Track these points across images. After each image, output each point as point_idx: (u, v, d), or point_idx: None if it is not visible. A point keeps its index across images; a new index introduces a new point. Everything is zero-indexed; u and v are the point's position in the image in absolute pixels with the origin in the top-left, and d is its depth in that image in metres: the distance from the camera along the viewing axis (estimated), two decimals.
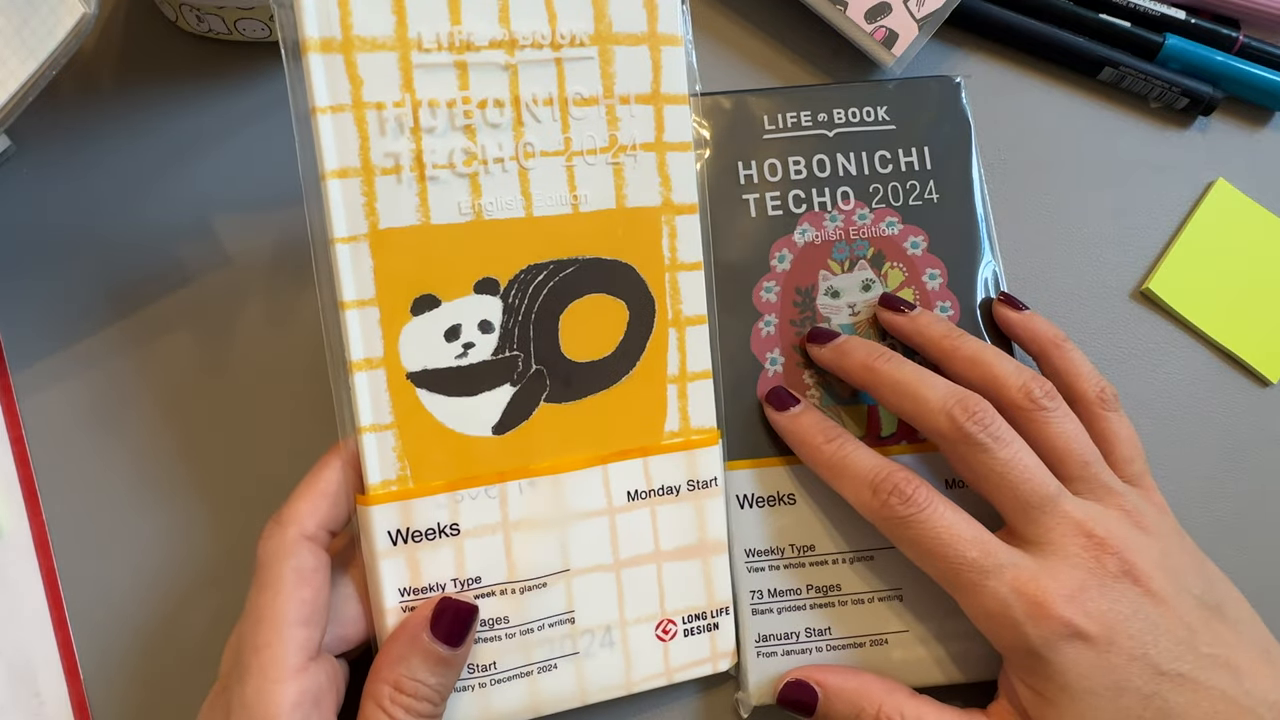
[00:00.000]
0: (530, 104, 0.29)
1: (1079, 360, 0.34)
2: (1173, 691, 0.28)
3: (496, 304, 0.30)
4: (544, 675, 0.31)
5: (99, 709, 0.33)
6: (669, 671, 0.32)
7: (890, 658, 0.33)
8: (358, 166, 0.28)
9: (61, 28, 0.30)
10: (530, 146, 0.29)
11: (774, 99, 0.38)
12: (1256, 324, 0.40)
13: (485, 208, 0.29)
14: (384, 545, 0.29)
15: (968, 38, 0.42)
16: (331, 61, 0.27)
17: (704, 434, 0.33)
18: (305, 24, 0.27)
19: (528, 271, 0.30)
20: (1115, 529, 0.30)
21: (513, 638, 0.30)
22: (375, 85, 0.28)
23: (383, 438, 0.29)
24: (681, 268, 0.32)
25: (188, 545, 0.34)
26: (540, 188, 0.30)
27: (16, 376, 0.36)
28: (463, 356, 0.29)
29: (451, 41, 0.28)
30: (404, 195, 0.28)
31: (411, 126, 0.28)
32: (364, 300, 0.28)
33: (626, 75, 0.30)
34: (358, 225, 0.28)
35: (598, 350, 0.31)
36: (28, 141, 0.38)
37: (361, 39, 0.27)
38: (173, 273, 0.37)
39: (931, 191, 0.38)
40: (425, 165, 0.28)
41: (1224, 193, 0.41)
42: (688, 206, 0.32)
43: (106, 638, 0.34)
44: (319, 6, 0.27)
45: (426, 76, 0.28)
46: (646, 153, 0.31)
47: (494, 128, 0.29)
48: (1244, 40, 0.42)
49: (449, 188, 0.29)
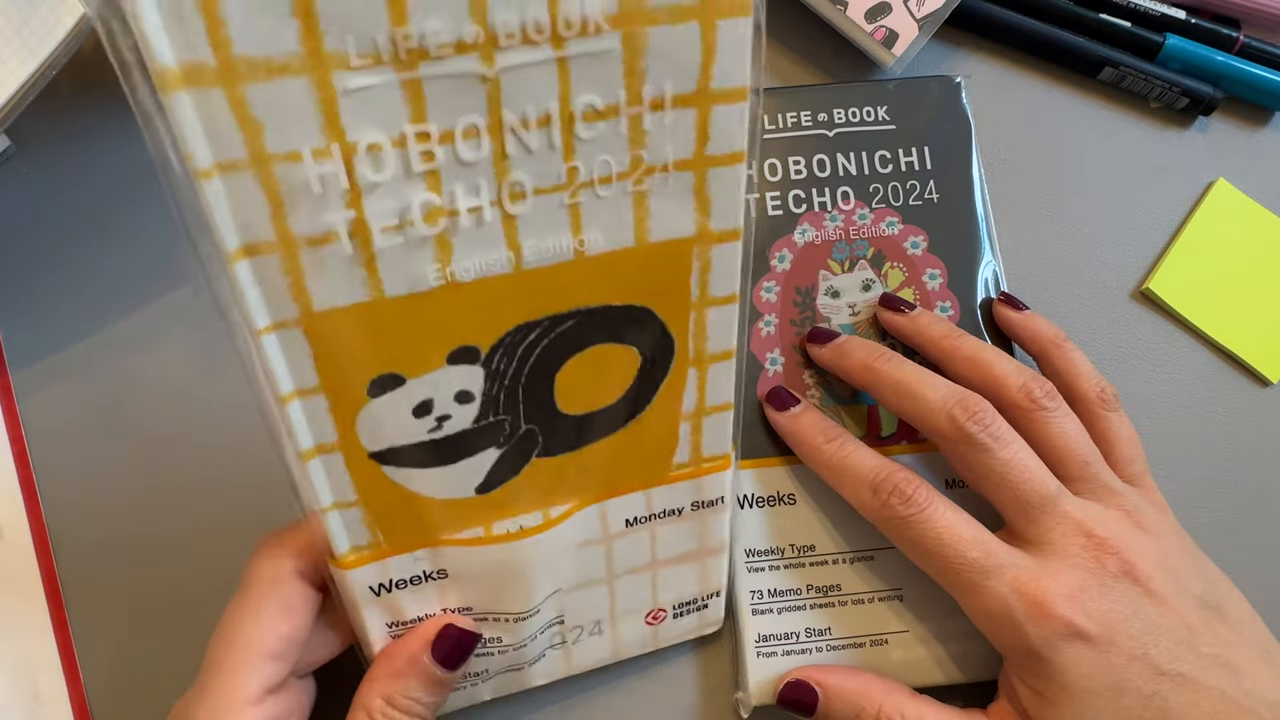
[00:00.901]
0: (518, 128, 0.21)
1: (1079, 360, 0.34)
2: (1173, 691, 0.28)
3: (477, 372, 0.24)
4: (531, 666, 0.32)
5: (99, 709, 0.33)
6: (656, 642, 0.33)
7: (890, 658, 0.33)
8: (272, 240, 0.20)
9: (61, 28, 0.30)
10: (519, 186, 0.21)
11: (774, 99, 0.38)
12: (1256, 324, 0.40)
13: (457, 270, 0.22)
14: (366, 597, 0.27)
15: (968, 38, 0.42)
16: (205, 99, 0.18)
17: (715, 460, 0.29)
18: (154, 47, 0.17)
19: (516, 332, 0.24)
20: (1115, 529, 0.30)
21: (505, 653, 0.30)
22: (281, 127, 0.19)
23: (348, 514, 0.25)
24: (712, 303, 0.25)
25: (188, 545, 0.34)
26: (532, 237, 0.22)
27: (16, 376, 0.36)
28: (436, 430, 0.24)
29: (395, 50, 0.19)
30: (342, 271, 0.21)
31: (345, 186, 0.20)
32: (306, 389, 0.23)
33: (662, 68, 0.21)
34: (285, 310, 0.21)
35: (600, 400, 0.26)
36: (28, 141, 0.38)
37: (249, 60, 0.18)
38: (173, 273, 0.37)
39: (931, 191, 0.38)
40: (370, 230, 0.21)
41: (1224, 193, 0.41)
42: (729, 233, 0.24)
43: (106, 638, 0.34)
44: (169, 17, 0.17)
45: (358, 108, 0.19)
46: (682, 172, 0.23)
47: (466, 167, 0.21)
48: (1244, 40, 0.42)
49: (407, 254, 0.21)
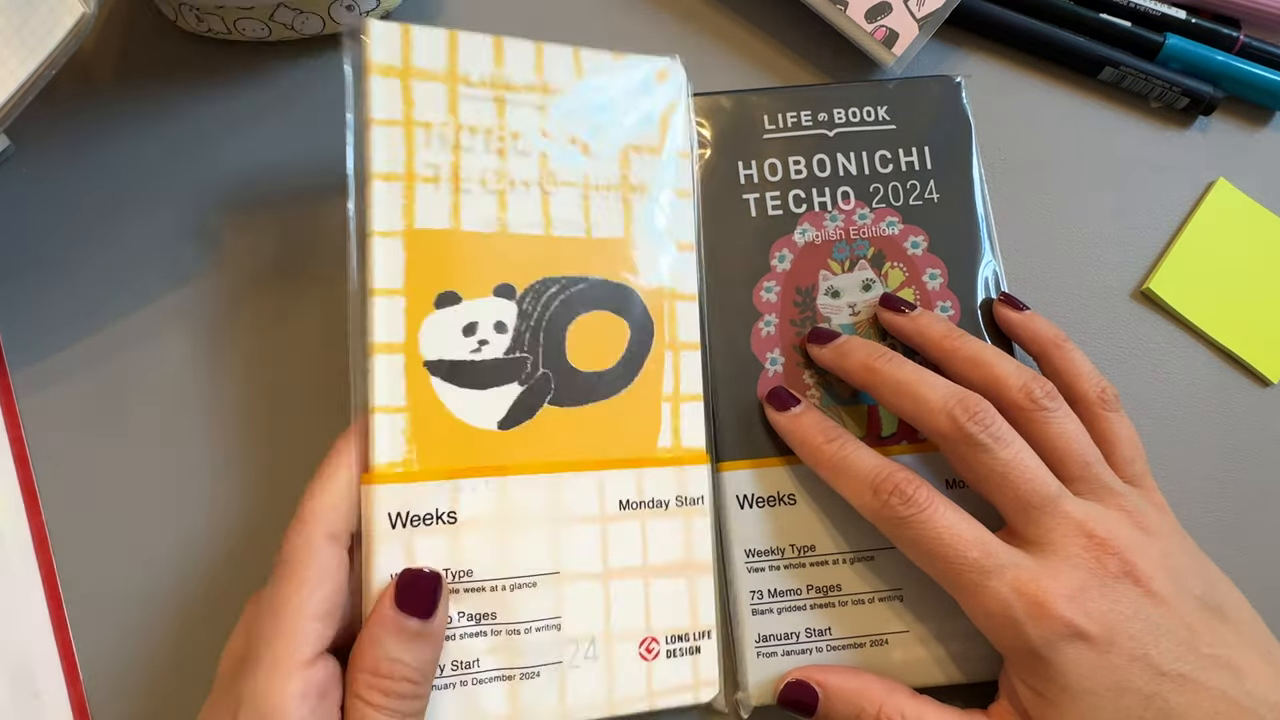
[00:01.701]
0: (557, 138, 0.33)
1: (1079, 360, 0.34)
2: (1174, 692, 0.28)
3: (512, 308, 0.32)
4: (526, 681, 0.31)
5: (99, 709, 0.33)
6: (651, 695, 0.32)
7: (890, 658, 0.33)
8: (401, 173, 0.31)
9: (61, 28, 0.30)
10: (553, 175, 0.33)
11: (774, 99, 0.38)
12: (1256, 324, 0.40)
13: (509, 222, 0.32)
14: (383, 527, 0.30)
15: (968, 38, 0.42)
16: (390, 84, 0.31)
17: (693, 453, 0.34)
18: (372, 51, 0.31)
19: (542, 283, 0.33)
20: (1116, 529, 0.30)
21: (498, 635, 0.30)
22: (425, 107, 0.32)
23: (394, 419, 0.30)
24: (679, 297, 0.34)
25: (187, 545, 0.34)
26: (559, 211, 0.33)
27: (16, 376, 0.36)
28: (477, 352, 0.32)
29: (494, 80, 0.33)
30: (439, 201, 0.32)
31: (453, 144, 0.32)
32: (392, 289, 0.31)
33: (636, 131, 0.34)
34: (395, 223, 0.31)
35: (601, 362, 0.33)
36: (28, 141, 0.38)
37: (418, 69, 0.32)
38: (173, 273, 0.37)
39: (932, 191, 0.38)
40: (461, 179, 0.32)
41: (1224, 193, 0.41)
42: (685, 245, 0.35)
43: (106, 638, 0.34)
44: (385, 40, 0.31)
45: (469, 106, 0.32)
46: (651, 194, 0.34)
47: (523, 155, 0.33)
48: (1244, 40, 0.42)
49: (479, 200, 0.32)
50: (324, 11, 0.38)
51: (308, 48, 0.40)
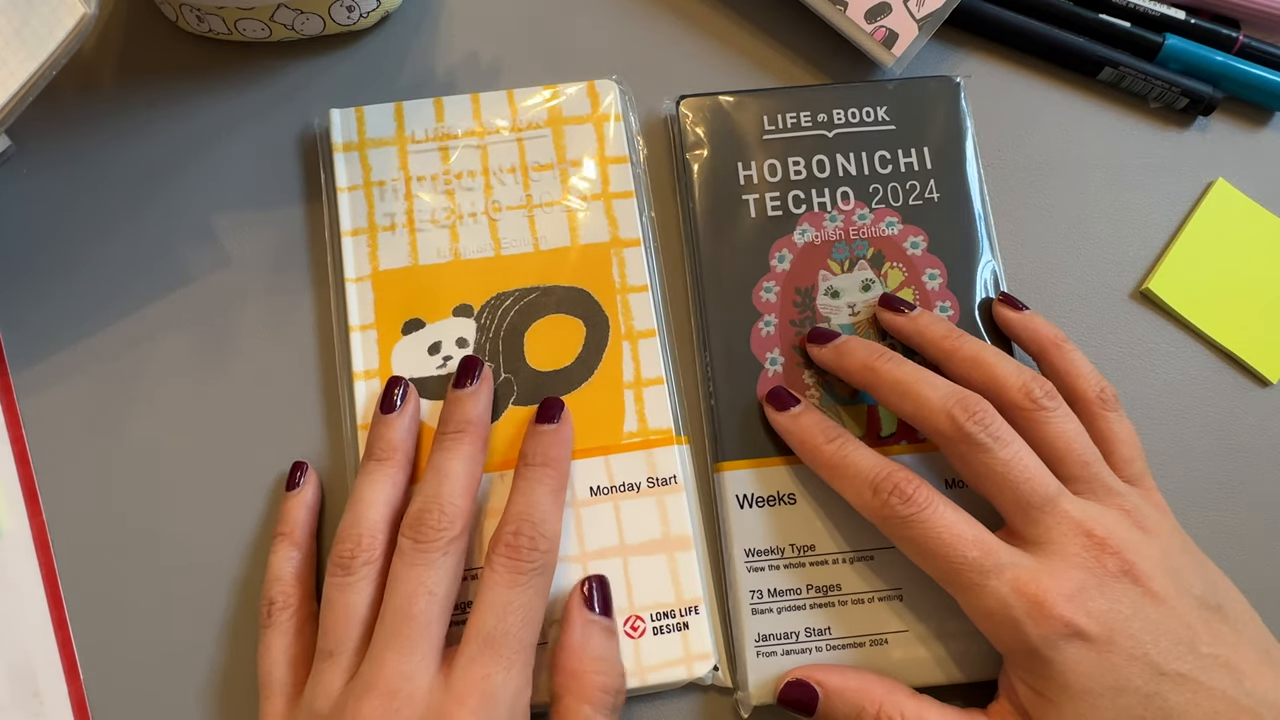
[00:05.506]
0: (498, 171, 0.38)
1: (1079, 360, 0.34)
2: (1173, 691, 0.28)
3: (471, 324, 0.36)
4: None
5: (99, 709, 0.33)
6: (641, 671, 0.33)
7: (890, 657, 0.33)
8: (365, 227, 0.37)
9: (61, 28, 0.30)
10: (498, 203, 0.37)
11: (774, 99, 0.38)
12: (1256, 324, 0.40)
13: (462, 250, 0.37)
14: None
15: (968, 38, 0.42)
16: (350, 158, 0.38)
17: (660, 434, 0.35)
18: (334, 134, 0.38)
19: (497, 297, 0.36)
20: (1115, 529, 0.30)
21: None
22: (380, 169, 0.37)
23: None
24: (631, 290, 0.37)
25: (187, 545, 0.34)
26: (507, 233, 0.37)
27: (16, 376, 0.36)
28: (442, 367, 0.36)
29: (437, 134, 0.38)
30: (398, 244, 0.37)
31: (405, 194, 0.37)
32: (366, 324, 0.36)
33: (575, 146, 0.38)
34: (364, 269, 0.36)
35: (559, 361, 0.36)
36: (28, 141, 0.38)
37: (371, 140, 0.38)
38: (173, 273, 0.37)
39: (931, 191, 0.38)
40: (415, 221, 0.37)
41: (1224, 193, 0.41)
42: (632, 241, 0.37)
43: (106, 638, 0.34)
44: (343, 124, 0.38)
45: (417, 159, 0.38)
46: (595, 201, 0.38)
47: (469, 191, 0.37)
48: (1244, 40, 0.42)
49: (433, 236, 0.37)
50: (324, 11, 0.38)
51: (308, 48, 0.40)
